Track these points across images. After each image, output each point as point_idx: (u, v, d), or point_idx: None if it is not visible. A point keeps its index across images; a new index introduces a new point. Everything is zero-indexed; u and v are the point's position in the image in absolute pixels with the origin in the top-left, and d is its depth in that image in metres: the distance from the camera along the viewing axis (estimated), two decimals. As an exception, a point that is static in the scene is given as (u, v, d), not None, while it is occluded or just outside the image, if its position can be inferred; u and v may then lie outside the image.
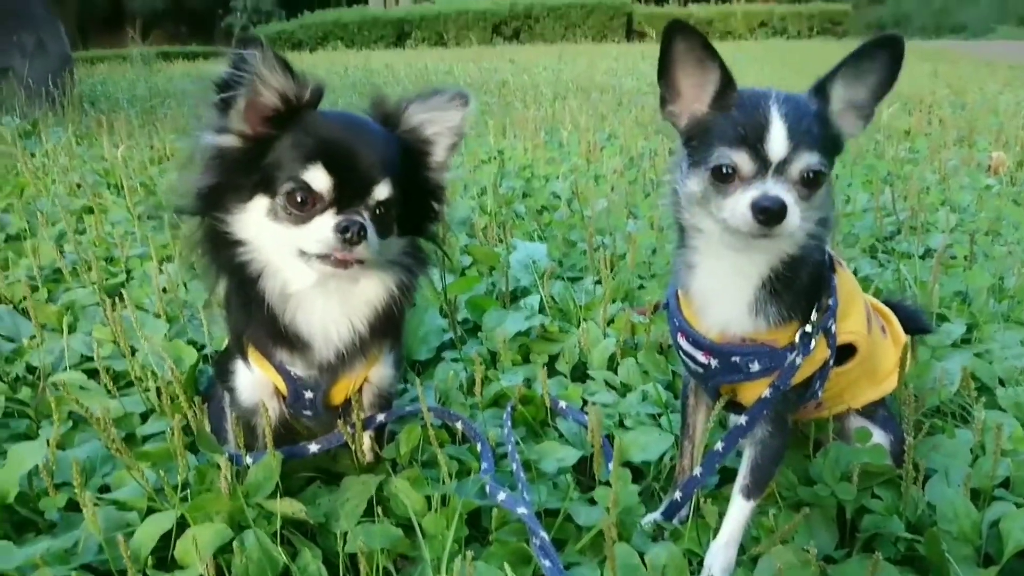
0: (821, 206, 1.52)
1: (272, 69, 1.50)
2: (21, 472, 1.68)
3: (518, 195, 4.39)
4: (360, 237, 1.46)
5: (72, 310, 2.74)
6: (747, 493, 1.72)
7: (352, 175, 1.50)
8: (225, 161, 1.56)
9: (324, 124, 1.54)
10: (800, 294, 1.62)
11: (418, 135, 1.63)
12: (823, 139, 1.44)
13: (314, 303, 1.64)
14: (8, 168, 4.45)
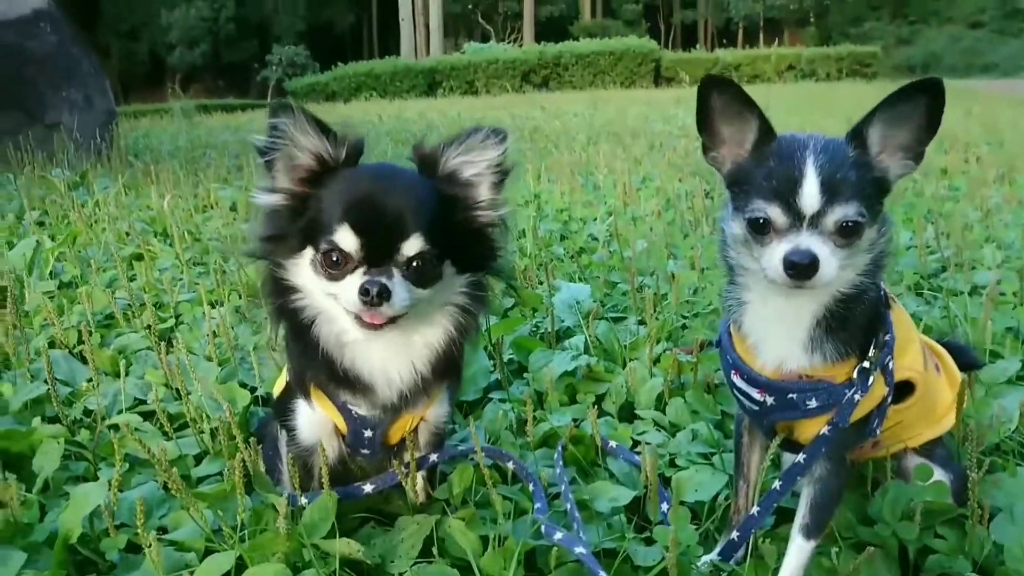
0: (870, 248, 1.52)
1: (305, 132, 1.56)
2: (83, 513, 1.70)
3: (556, 238, 4.42)
4: (381, 298, 1.48)
5: (125, 354, 2.80)
6: (807, 533, 1.70)
7: (379, 234, 1.52)
8: (276, 216, 1.62)
9: (355, 183, 1.58)
10: (857, 330, 1.61)
11: (457, 178, 1.64)
12: (861, 186, 1.45)
13: (371, 349, 1.67)
14: (60, 218, 4.57)
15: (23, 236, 4.19)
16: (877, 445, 1.94)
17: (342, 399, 1.75)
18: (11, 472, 1.97)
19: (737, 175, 1.55)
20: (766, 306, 1.62)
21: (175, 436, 2.20)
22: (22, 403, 2.33)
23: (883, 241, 1.54)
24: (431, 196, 1.61)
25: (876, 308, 1.64)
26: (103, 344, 2.92)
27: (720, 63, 37.79)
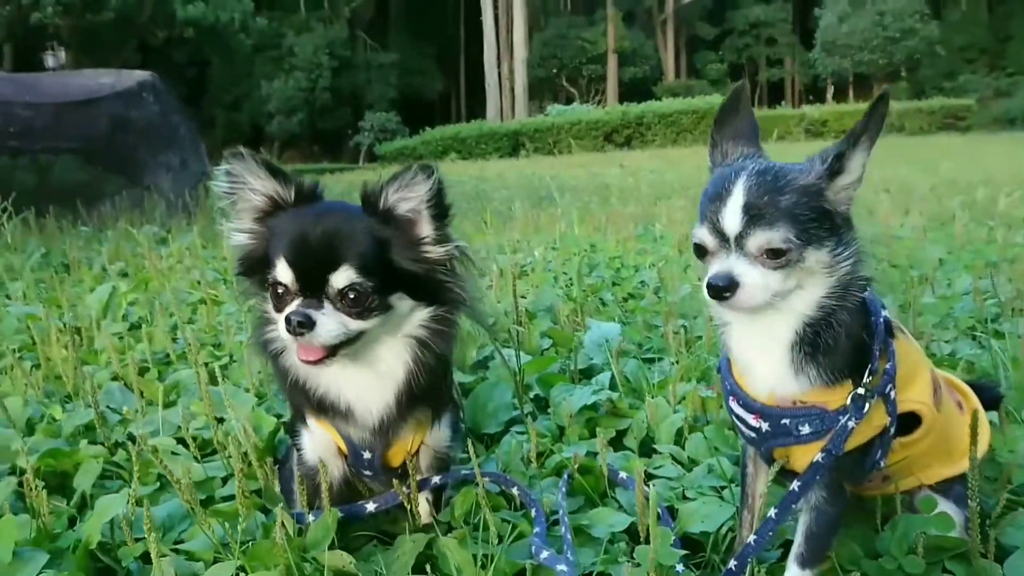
0: (830, 271, 1.51)
1: (256, 176, 1.68)
2: (104, 521, 1.82)
3: (608, 284, 4.46)
4: (302, 328, 1.56)
5: (176, 389, 2.96)
6: (802, 562, 1.68)
7: (310, 266, 1.62)
8: (244, 254, 1.74)
9: (295, 220, 1.68)
10: (841, 355, 1.59)
11: (394, 214, 1.71)
12: (796, 211, 1.44)
13: (339, 378, 1.76)
14: (139, 268, 4.88)
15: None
16: (887, 480, 1.90)
17: (333, 422, 1.83)
18: (54, 488, 2.12)
19: None
20: (744, 330, 1.64)
21: (205, 460, 2.32)
22: (73, 427, 2.50)
23: (847, 265, 1.52)
24: (365, 231, 1.68)
25: (860, 332, 1.62)
26: (160, 379, 3.10)
27: (806, 119, 37.38)
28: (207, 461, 2.33)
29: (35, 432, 2.48)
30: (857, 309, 1.61)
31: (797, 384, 1.61)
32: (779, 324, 1.56)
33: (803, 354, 1.57)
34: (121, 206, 8.46)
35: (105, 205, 8.59)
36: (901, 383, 1.72)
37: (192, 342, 2.90)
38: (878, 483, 1.92)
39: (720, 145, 1.61)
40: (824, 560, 1.68)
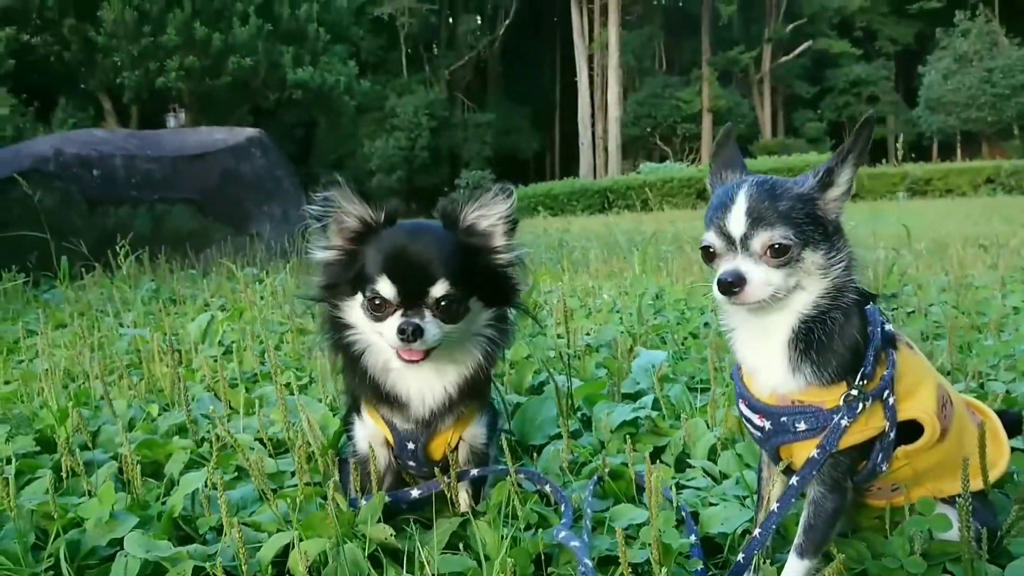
0: (824, 273, 1.69)
1: (351, 201, 1.96)
2: (186, 493, 2.10)
3: (672, 324, 4.60)
4: (416, 336, 1.81)
5: (260, 400, 3.27)
6: (800, 552, 1.81)
7: (411, 282, 1.88)
8: (331, 268, 2.02)
9: (391, 240, 1.95)
10: (836, 356, 1.75)
11: (475, 230, 1.99)
12: (793, 215, 1.64)
13: (410, 374, 2.01)
14: (236, 301, 5.31)
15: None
16: (897, 491, 2.00)
17: (383, 413, 2.08)
18: (148, 473, 2.43)
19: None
20: (745, 332, 1.81)
21: (277, 457, 2.60)
22: (168, 426, 2.83)
23: (839, 267, 1.70)
24: (453, 246, 1.96)
25: (855, 340, 1.77)
26: (247, 393, 3.42)
27: (908, 177, 36.40)
28: (280, 458, 2.61)
29: (135, 429, 2.82)
30: (852, 313, 1.76)
31: (795, 383, 1.77)
32: (778, 323, 1.73)
33: (799, 352, 1.73)
34: (226, 251, 9.10)
35: (212, 250, 9.25)
36: (904, 393, 1.85)
37: (276, 362, 3.22)
38: (888, 493, 2.02)
39: (718, 172, 1.81)
40: (820, 552, 1.79)
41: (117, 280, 5.75)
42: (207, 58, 26.07)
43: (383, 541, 1.90)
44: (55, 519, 2.01)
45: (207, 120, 24.51)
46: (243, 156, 11.41)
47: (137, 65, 26.43)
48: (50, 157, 9.42)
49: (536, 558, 1.89)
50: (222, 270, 6.89)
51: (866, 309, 1.82)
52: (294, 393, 2.94)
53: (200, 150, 10.97)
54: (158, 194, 10.20)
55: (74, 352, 4.00)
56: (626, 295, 5.68)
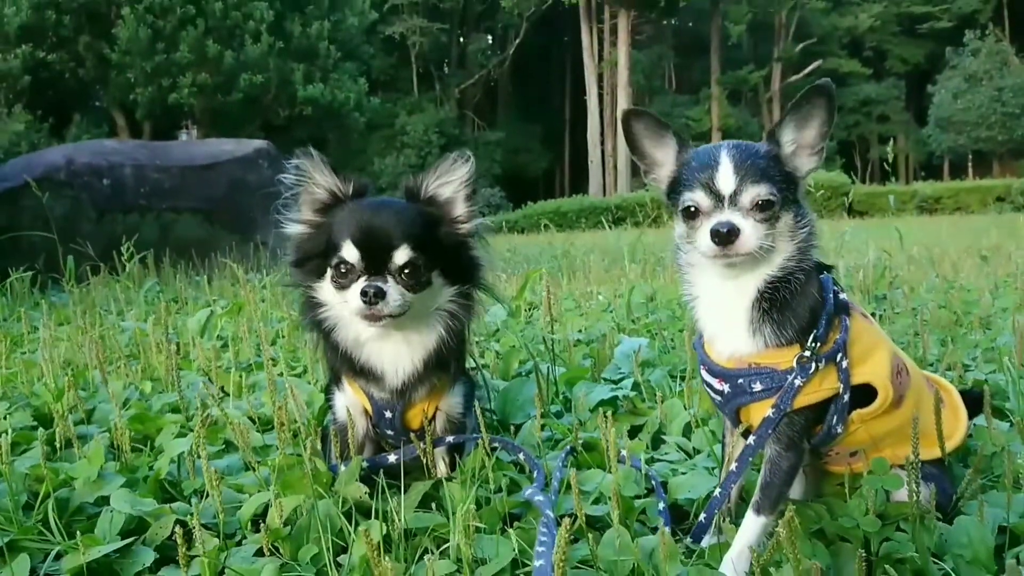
0: (792, 235, 1.78)
1: (321, 172, 2.05)
2: (172, 456, 2.19)
3: (664, 323, 4.67)
4: (378, 298, 1.89)
5: (253, 387, 3.36)
6: (757, 508, 1.87)
7: (374, 247, 1.96)
8: (301, 242, 2.10)
9: (357, 210, 2.04)
10: (794, 317, 1.83)
11: (436, 200, 2.07)
12: (771, 173, 1.74)
13: (382, 346, 2.09)
14: (233, 298, 5.42)
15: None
16: (855, 455, 2.07)
17: (363, 385, 2.16)
18: (139, 445, 2.52)
19: (671, 185, 1.86)
20: (710, 296, 1.89)
21: (264, 433, 2.68)
22: (160, 404, 2.92)
23: (804, 231, 1.80)
24: (416, 216, 2.05)
25: (813, 301, 1.85)
26: (242, 380, 3.51)
27: (918, 195, 36.36)
28: (267, 433, 2.69)
29: (128, 407, 2.91)
30: (811, 278, 1.85)
31: (753, 344, 1.84)
32: (745, 283, 1.81)
33: (761, 312, 1.81)
34: (231, 258, 9.22)
35: (216, 256, 9.40)
36: (857, 358, 1.92)
37: (267, 347, 3.31)
38: (847, 459, 2.09)
39: (646, 155, 1.89)
40: (777, 509, 1.85)
41: (122, 279, 5.86)
42: (219, 75, 26.40)
43: (357, 499, 1.98)
44: (46, 482, 2.10)
45: (219, 136, 24.84)
46: (250, 166, 11.56)
47: (150, 82, 26.79)
48: (62, 166, 9.61)
49: (504, 517, 1.96)
50: (226, 273, 6.99)
51: (822, 277, 1.91)
52: (283, 375, 3.02)
53: (208, 161, 11.14)
54: (166, 203, 10.36)
55: (75, 343, 4.10)
56: (619, 297, 5.75)
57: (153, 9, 25.70)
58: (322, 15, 28.60)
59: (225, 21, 26.36)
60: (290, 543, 1.82)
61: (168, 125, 31.05)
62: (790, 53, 56.04)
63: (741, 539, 1.85)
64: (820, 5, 54.97)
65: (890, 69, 60.23)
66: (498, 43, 59.20)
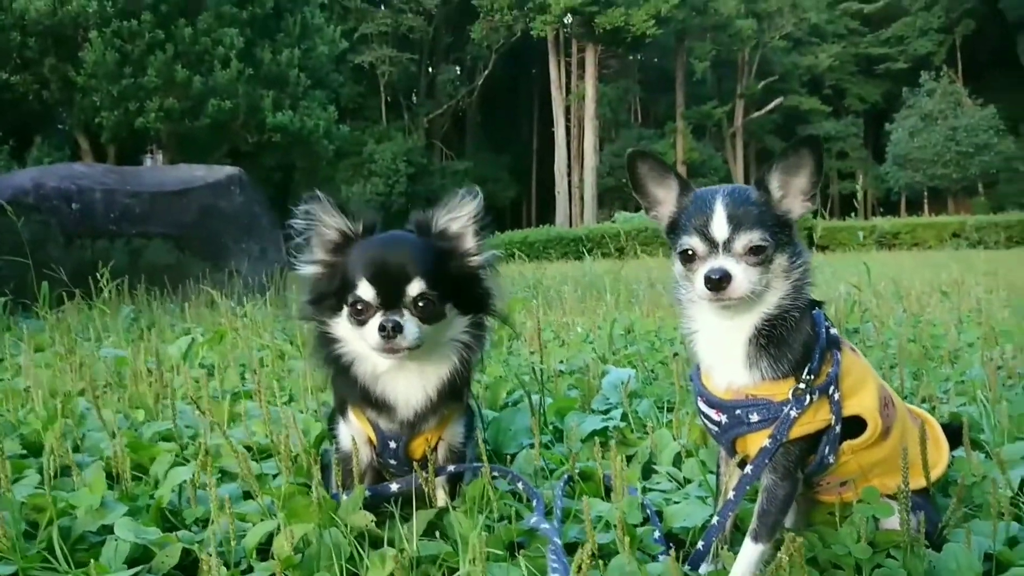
0: (787, 275, 1.86)
1: (329, 214, 2.11)
2: (173, 485, 2.19)
3: (643, 354, 4.75)
4: (395, 332, 1.94)
5: (242, 415, 3.36)
6: (755, 536, 1.93)
7: (389, 284, 2.01)
8: (317, 282, 2.15)
9: (369, 248, 2.10)
10: (789, 351, 1.91)
11: (447, 233, 2.14)
12: (763, 218, 1.82)
13: (397, 379, 2.13)
14: (215, 326, 5.40)
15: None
16: (845, 485, 2.15)
17: (369, 415, 2.20)
18: (137, 473, 2.52)
19: (671, 225, 1.94)
20: (709, 331, 1.96)
21: (260, 461, 2.69)
22: (152, 433, 2.91)
23: (798, 271, 1.88)
24: (428, 250, 2.11)
25: (807, 335, 1.93)
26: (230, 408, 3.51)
27: (877, 230, 37.20)
28: (263, 461, 2.70)
29: (120, 436, 2.90)
30: (805, 314, 1.93)
31: (750, 377, 1.92)
32: (742, 321, 1.89)
33: (758, 347, 1.89)
34: (204, 285, 9.16)
35: (189, 284, 9.32)
36: (848, 391, 2.01)
37: (259, 377, 3.31)
38: (837, 488, 2.17)
39: (648, 194, 1.97)
40: (773, 536, 1.92)
41: (97, 305, 5.80)
42: (187, 100, 26.21)
43: (364, 527, 2.00)
44: (46, 511, 2.09)
45: (185, 161, 24.64)
46: (222, 193, 11.52)
47: (116, 105, 26.51)
48: (30, 189, 9.48)
49: (509, 545, 2.00)
50: (202, 299, 6.96)
51: (814, 313, 1.99)
52: (273, 403, 3.04)
53: (179, 186, 11.07)
54: (136, 228, 10.27)
55: (55, 371, 4.06)
56: (599, 328, 5.83)
57: (121, 33, 25.52)
58: (292, 43, 28.62)
59: (194, 46, 26.25)
60: (301, 571, 1.84)
61: (133, 149, 30.73)
62: (752, 90, 57.30)
63: (740, 566, 1.91)
64: (781, 44, 56.39)
65: (849, 107, 61.86)
66: (467, 74, 59.69)
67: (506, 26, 51.61)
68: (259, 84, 27.43)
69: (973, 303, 7.44)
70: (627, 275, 12.78)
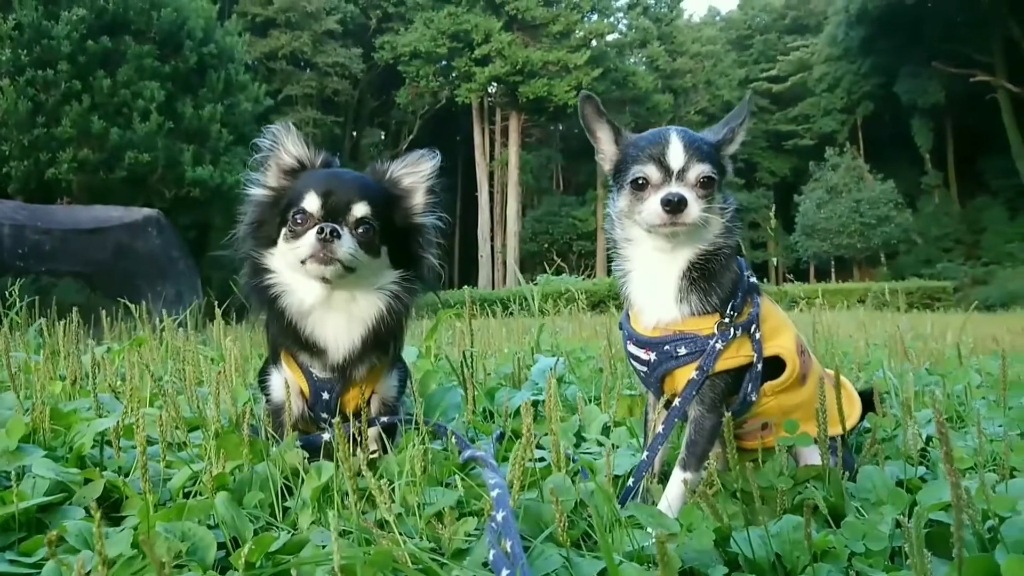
0: (722, 213, 1.98)
1: (294, 142, 2.15)
2: (93, 434, 2.13)
3: (568, 368, 4.82)
4: (333, 236, 1.97)
5: (164, 395, 3.27)
6: (683, 465, 1.99)
7: (334, 200, 2.05)
8: (260, 207, 2.17)
9: (321, 173, 2.15)
10: (717, 288, 2.01)
11: (398, 184, 2.19)
12: (712, 156, 1.96)
13: (326, 319, 2.14)
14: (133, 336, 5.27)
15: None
16: (767, 428, 2.23)
17: (302, 360, 2.19)
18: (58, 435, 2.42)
19: (616, 164, 2.04)
20: (645, 269, 2.05)
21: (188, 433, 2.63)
22: (71, 410, 2.81)
23: (730, 212, 2.00)
24: (377, 188, 2.15)
25: (734, 276, 2.04)
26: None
27: (789, 295, 38.55)
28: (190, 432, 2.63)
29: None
30: (732, 256, 2.04)
31: (679, 312, 2.01)
32: (676, 258, 1.98)
33: (690, 282, 1.98)
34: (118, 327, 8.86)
35: (101, 320, 9.01)
36: (768, 333, 2.12)
37: (184, 363, 3.24)
38: (758, 432, 2.25)
39: (595, 135, 2.08)
40: (701, 465, 1.98)
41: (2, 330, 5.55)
42: (103, 151, 25.58)
43: (296, 465, 1.98)
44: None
45: (100, 212, 23.94)
46: (138, 234, 11.27)
47: (27, 155, 25.68)
48: (-66, 222, 9.12)
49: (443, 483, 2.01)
50: (117, 327, 6.74)
51: (739, 258, 2.11)
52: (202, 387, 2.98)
53: (93, 225, 10.80)
54: (45, 266, 9.93)
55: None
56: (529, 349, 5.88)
57: (35, 82, 24.92)
58: (216, 98, 28.39)
59: (113, 98, 25.79)
60: (233, 495, 1.80)
61: (43, 199, 29.72)
62: (669, 161, 59.24)
63: (669, 494, 1.96)
64: (696, 118, 58.73)
65: (760, 180, 64.55)
66: (392, 138, 60.20)
67: (431, 92, 52.53)
68: (179, 138, 27.05)
69: (883, 333, 7.80)
70: (553, 324, 12.91)
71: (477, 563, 1.47)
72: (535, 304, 8.33)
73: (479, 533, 1.61)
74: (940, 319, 17.48)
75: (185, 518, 1.65)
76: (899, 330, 4.70)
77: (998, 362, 3.83)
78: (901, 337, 4.58)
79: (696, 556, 1.58)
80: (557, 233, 56.36)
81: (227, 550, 1.58)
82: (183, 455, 2.14)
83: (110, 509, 1.87)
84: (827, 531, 1.71)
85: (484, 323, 18.31)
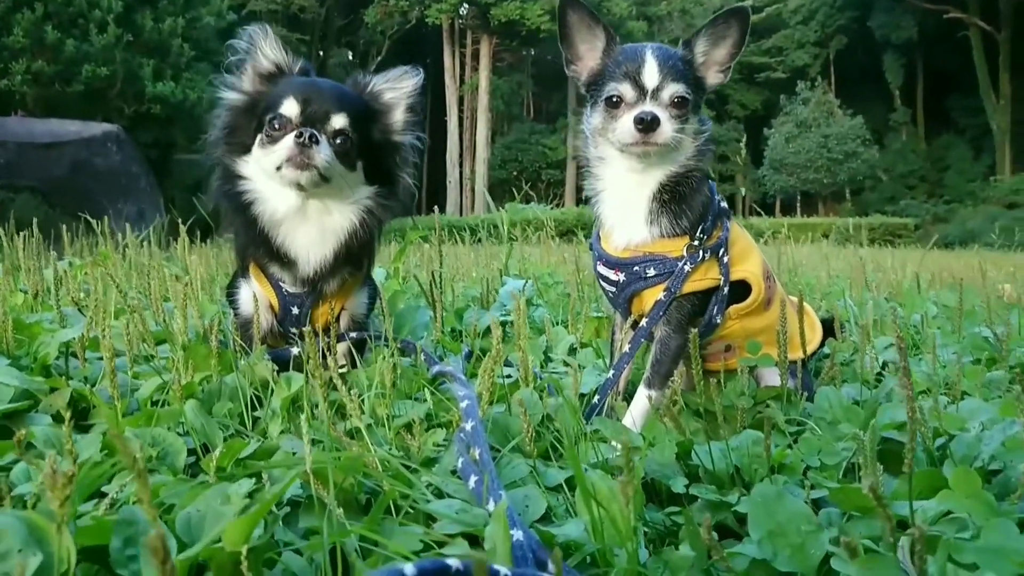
0: (695, 136, 1.97)
1: (272, 46, 2.08)
2: (58, 343, 2.11)
3: (537, 292, 4.85)
4: (312, 141, 1.93)
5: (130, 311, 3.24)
6: (648, 383, 2.04)
7: (314, 107, 2.01)
8: (234, 112, 2.11)
9: (301, 80, 2.09)
10: (689, 210, 2.02)
11: (378, 98, 2.15)
12: (687, 75, 1.93)
13: (297, 229, 2.12)
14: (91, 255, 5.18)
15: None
16: (730, 350, 2.28)
17: (272, 272, 2.17)
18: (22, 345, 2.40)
19: (593, 79, 2.02)
20: (615, 188, 2.05)
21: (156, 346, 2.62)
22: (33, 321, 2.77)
23: (704, 135, 1.99)
24: (358, 100, 2.11)
25: (705, 199, 2.05)
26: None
27: (754, 229, 38.88)
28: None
29: None
30: (704, 179, 2.05)
31: (649, 233, 2.02)
32: (650, 176, 1.98)
33: (661, 203, 1.98)
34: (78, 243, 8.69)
35: (62, 242, 8.84)
36: (736, 257, 2.14)
37: (150, 279, 3.20)
38: (722, 354, 2.29)
39: (573, 46, 2.04)
40: (665, 384, 2.02)
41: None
42: (58, 63, 24.67)
43: (266, 377, 1.98)
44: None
45: (57, 126, 23.23)
46: (97, 149, 10.99)
47: (-22, 66, 24.67)
48: None
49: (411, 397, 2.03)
50: (78, 244, 6.62)
51: (710, 182, 2.11)
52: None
53: (50, 139, 10.50)
54: (1, 179, 9.67)
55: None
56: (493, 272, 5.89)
57: (-16, -11, 23.84)
58: (176, 11, 27.40)
59: (67, 8, 24.77)
60: (202, 404, 1.81)
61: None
62: (641, 90, 58.66)
63: (634, 410, 2.00)
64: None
65: (731, 113, 64.29)
66: (360, 59, 58.71)
67: (401, 12, 51.15)
68: (139, 52, 26.15)
69: (845, 265, 7.95)
70: (521, 251, 12.92)
71: (446, 470, 1.51)
72: (505, 230, 8.25)
73: (448, 444, 1.64)
74: (900, 254, 17.88)
75: (154, 425, 1.66)
76: (861, 260, 4.78)
77: (954, 294, 3.93)
78: (863, 267, 4.66)
79: (658, 468, 1.63)
80: (526, 161, 55.93)
81: (197, 456, 1.59)
82: (151, 367, 2.13)
83: (78, 417, 1.87)
84: (784, 446, 1.77)
85: (453, 249, 18.35)
